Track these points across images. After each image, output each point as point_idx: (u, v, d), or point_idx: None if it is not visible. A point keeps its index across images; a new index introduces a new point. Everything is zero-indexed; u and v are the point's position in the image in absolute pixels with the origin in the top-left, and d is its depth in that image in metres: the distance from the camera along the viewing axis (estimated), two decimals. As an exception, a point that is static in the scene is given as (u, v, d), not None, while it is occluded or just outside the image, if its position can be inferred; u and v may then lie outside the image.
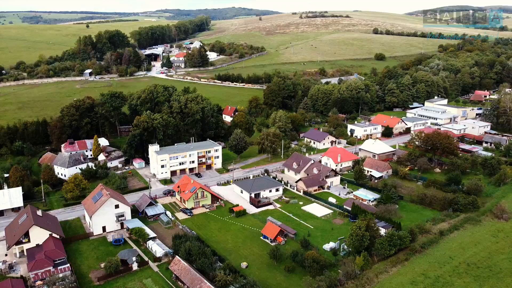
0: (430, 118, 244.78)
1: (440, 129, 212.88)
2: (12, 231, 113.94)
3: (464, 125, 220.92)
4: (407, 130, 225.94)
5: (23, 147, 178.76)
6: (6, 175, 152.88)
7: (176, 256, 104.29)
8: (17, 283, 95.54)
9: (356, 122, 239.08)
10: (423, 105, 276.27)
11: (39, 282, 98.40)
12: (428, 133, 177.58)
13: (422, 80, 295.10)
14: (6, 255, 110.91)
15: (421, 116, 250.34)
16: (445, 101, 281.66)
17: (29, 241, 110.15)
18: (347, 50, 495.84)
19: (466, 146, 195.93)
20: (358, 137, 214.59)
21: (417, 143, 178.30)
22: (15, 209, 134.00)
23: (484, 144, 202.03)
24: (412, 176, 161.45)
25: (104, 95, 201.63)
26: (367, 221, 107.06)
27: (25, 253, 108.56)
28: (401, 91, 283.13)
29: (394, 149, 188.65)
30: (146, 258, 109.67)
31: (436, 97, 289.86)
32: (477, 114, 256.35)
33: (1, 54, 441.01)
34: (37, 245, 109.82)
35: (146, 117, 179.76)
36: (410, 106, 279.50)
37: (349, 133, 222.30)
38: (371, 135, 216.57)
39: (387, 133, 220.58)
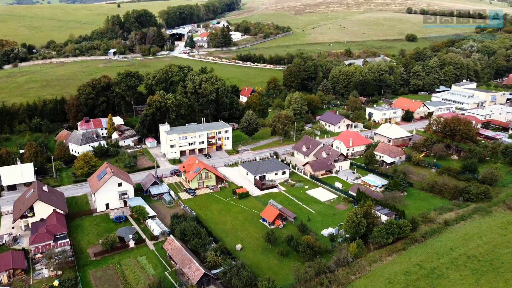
0: (455, 102, 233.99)
1: (464, 114, 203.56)
2: (19, 205, 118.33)
3: (491, 111, 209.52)
4: (430, 115, 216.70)
5: (41, 124, 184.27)
6: (22, 151, 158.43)
7: (170, 235, 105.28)
8: (17, 255, 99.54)
9: (375, 105, 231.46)
10: (450, 88, 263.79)
11: (39, 255, 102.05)
12: (447, 118, 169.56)
13: (451, 62, 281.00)
14: (13, 227, 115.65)
15: (447, 100, 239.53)
16: (473, 85, 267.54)
17: (33, 215, 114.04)
18: (377, 31, 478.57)
19: (490, 133, 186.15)
20: (376, 121, 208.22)
21: (434, 128, 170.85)
22: (27, 184, 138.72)
23: (511, 131, 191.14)
24: (426, 162, 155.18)
25: (120, 74, 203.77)
26: (365, 208, 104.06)
27: (30, 227, 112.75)
28: (427, 73, 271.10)
29: (411, 134, 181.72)
30: (144, 236, 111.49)
31: (464, 81, 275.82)
32: (508, 99, 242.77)
33: (34, 33, 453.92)
34: (42, 219, 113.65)
35: (159, 97, 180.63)
36: (436, 90, 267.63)
37: (367, 117, 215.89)
38: (390, 119, 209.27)
39: (407, 117, 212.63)
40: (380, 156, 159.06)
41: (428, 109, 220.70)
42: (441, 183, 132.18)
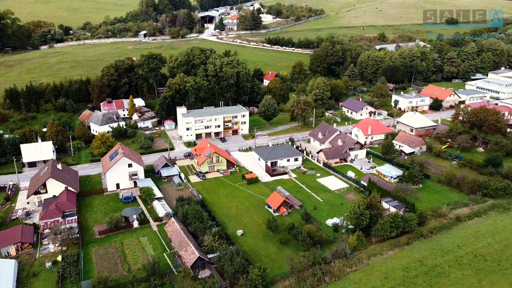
0: (490, 91, 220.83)
1: (497, 104, 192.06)
2: (35, 181, 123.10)
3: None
4: (461, 104, 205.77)
5: (66, 104, 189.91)
6: (45, 129, 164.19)
7: (172, 217, 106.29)
8: (27, 229, 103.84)
9: (402, 92, 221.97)
10: (487, 76, 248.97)
11: (47, 231, 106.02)
12: (474, 108, 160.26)
13: (490, 48, 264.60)
14: (27, 203, 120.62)
15: (481, 88, 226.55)
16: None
17: (46, 192, 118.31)
18: (415, 14, 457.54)
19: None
20: (402, 109, 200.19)
21: (461, 118, 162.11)
22: (46, 161, 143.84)
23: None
24: (447, 154, 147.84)
25: (143, 56, 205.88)
26: (369, 199, 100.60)
27: (42, 203, 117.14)
28: (462, 60, 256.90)
29: (435, 124, 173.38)
30: (148, 217, 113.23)
31: (503, 68, 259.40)
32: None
33: (73, 15, 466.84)
34: (54, 196, 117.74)
35: (178, 80, 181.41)
36: (472, 78, 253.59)
37: (392, 104, 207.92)
38: (416, 107, 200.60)
39: (436, 106, 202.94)
40: (399, 146, 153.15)
41: (459, 97, 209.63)
42: (460, 176, 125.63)
